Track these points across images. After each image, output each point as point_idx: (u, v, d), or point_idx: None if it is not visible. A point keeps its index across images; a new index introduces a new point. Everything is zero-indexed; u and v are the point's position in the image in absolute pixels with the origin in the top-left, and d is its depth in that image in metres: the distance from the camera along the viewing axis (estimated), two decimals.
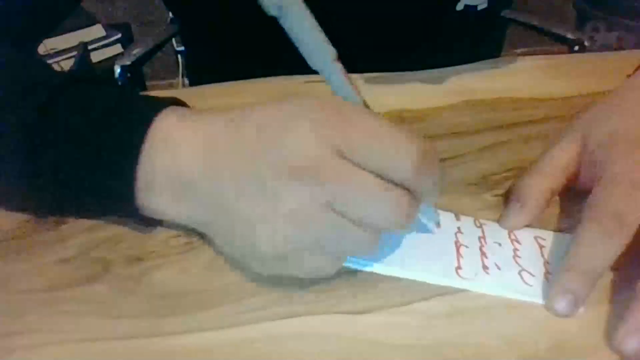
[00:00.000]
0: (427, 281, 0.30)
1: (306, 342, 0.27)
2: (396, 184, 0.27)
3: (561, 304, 0.28)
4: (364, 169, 0.26)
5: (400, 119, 0.46)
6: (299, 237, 0.26)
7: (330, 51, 0.27)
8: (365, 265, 0.31)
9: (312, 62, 0.28)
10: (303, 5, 0.26)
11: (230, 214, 0.28)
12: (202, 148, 0.29)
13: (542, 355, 0.26)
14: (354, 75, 0.50)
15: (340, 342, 0.27)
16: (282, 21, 0.25)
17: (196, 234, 0.33)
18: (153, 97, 0.32)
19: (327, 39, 0.27)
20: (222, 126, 0.29)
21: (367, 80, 0.51)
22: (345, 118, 0.27)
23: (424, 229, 0.33)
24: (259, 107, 0.29)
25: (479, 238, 0.33)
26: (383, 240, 0.30)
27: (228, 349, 0.26)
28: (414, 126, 0.45)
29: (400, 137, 0.27)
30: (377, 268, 0.31)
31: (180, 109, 0.31)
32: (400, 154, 0.26)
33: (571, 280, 0.28)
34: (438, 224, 0.33)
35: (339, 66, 0.28)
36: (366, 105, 0.30)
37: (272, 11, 0.25)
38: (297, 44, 0.27)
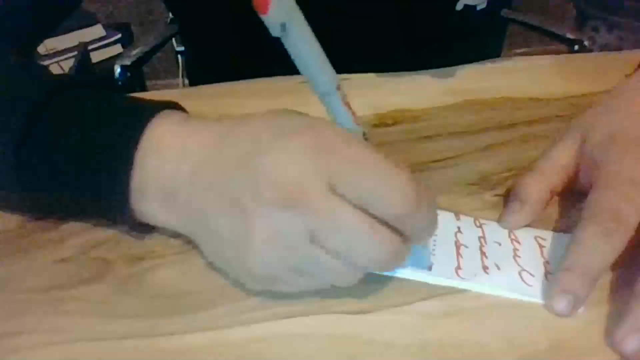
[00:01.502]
0: (427, 281, 0.30)
1: (306, 342, 0.27)
2: (384, 224, 0.25)
3: (561, 304, 0.28)
4: (350, 203, 0.25)
5: (400, 119, 0.46)
6: (281, 261, 0.26)
7: (332, 78, 0.26)
8: None
9: (313, 87, 0.26)
10: (307, 27, 0.25)
11: (212, 230, 0.28)
12: (190, 159, 0.29)
13: (542, 355, 0.26)
14: (354, 75, 0.50)
15: (340, 342, 0.27)
16: (285, 41, 0.24)
17: None
18: (148, 100, 0.32)
19: (329, 64, 0.26)
20: (213, 139, 0.29)
21: (367, 80, 0.51)
22: (338, 147, 0.26)
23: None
24: (252, 121, 0.28)
25: (479, 238, 0.33)
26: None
27: (228, 349, 0.26)
28: (414, 126, 0.45)
29: (393, 175, 0.25)
30: None
31: (175, 114, 0.31)
32: (392, 194, 0.25)
33: (571, 280, 0.28)
34: (430, 268, 0.31)
35: (340, 94, 0.27)
36: (365, 137, 0.29)
37: (276, 30, 0.24)
38: (299, 67, 0.25)
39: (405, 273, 0.30)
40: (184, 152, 0.29)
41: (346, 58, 0.30)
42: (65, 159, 0.30)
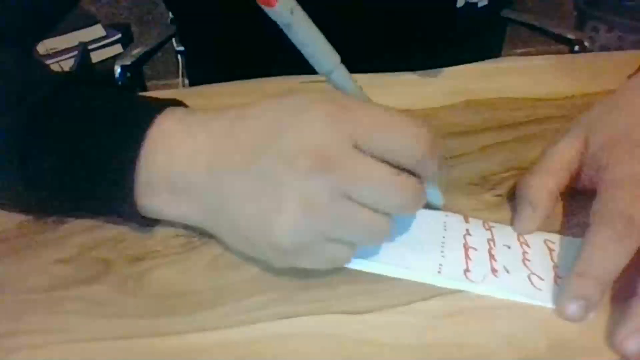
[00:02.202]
0: (436, 284, 0.30)
1: (306, 342, 0.27)
2: (403, 169, 0.28)
3: (573, 309, 0.28)
4: (372, 156, 0.27)
5: None
6: (313, 227, 0.27)
7: (335, 54, 0.30)
8: (371, 267, 0.31)
9: (318, 68, 0.30)
10: (307, 16, 0.28)
11: (235, 214, 0.28)
12: (201, 150, 0.29)
13: (542, 355, 0.26)
14: (354, 75, 0.50)
15: (340, 342, 0.27)
16: (292, 30, 0.27)
17: (196, 234, 0.33)
18: (152, 97, 0.32)
19: (330, 45, 0.29)
20: (223, 126, 0.29)
21: (368, 80, 0.51)
22: (352, 109, 0.28)
23: (433, 230, 0.33)
24: (261, 103, 0.29)
25: (488, 241, 0.33)
26: (391, 240, 0.31)
27: (228, 349, 0.26)
28: None
29: (405, 125, 0.28)
30: (384, 270, 0.30)
31: (179, 110, 0.31)
32: (412, 141, 0.28)
33: (583, 285, 0.28)
34: (443, 205, 0.35)
35: (343, 68, 0.30)
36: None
37: (284, 20, 0.27)
38: (304, 52, 0.29)
39: (414, 275, 0.30)
40: (194, 147, 0.29)
41: (346, 58, 0.31)
42: (70, 156, 0.30)
